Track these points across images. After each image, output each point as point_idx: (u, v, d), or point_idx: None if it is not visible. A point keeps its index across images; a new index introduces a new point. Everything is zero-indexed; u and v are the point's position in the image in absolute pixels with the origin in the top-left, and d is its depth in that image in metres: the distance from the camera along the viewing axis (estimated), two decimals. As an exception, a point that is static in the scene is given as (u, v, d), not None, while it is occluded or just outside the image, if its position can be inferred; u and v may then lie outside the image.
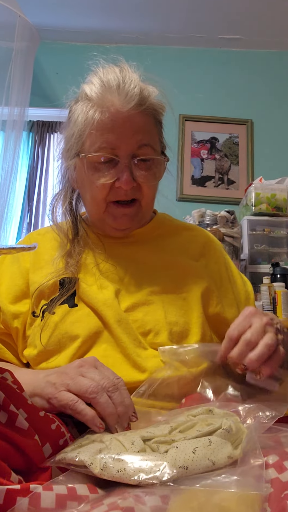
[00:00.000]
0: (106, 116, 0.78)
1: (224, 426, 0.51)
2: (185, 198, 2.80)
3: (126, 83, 0.79)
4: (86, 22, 2.88)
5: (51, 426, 0.56)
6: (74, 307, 0.79)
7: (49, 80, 2.91)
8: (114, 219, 0.84)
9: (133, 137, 0.79)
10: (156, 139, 0.84)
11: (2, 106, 2.61)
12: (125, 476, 0.45)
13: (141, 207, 0.85)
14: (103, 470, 0.46)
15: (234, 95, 2.96)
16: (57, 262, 0.84)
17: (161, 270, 0.85)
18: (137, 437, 0.51)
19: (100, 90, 0.80)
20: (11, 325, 0.81)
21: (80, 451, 0.50)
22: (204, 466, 0.46)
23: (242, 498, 0.42)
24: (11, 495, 0.40)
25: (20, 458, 0.49)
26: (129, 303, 0.79)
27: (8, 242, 2.61)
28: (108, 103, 0.78)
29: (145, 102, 0.80)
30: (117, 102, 0.78)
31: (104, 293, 0.79)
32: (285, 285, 2.06)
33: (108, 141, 0.79)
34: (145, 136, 0.80)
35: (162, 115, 0.87)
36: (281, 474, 0.45)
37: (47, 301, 0.80)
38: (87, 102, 0.81)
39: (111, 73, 0.81)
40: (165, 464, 0.45)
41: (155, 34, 2.94)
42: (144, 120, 0.81)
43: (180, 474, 0.45)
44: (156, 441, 0.51)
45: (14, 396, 0.53)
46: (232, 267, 0.94)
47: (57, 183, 0.94)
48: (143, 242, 0.90)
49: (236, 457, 0.48)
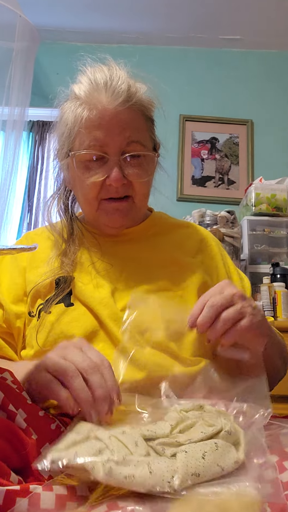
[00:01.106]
0: (94, 114, 0.78)
1: (225, 428, 0.50)
2: (185, 198, 2.80)
3: (114, 80, 0.79)
4: (86, 22, 2.88)
5: (50, 426, 0.56)
6: (70, 306, 0.79)
7: (49, 80, 2.91)
8: (107, 215, 0.84)
9: (121, 134, 0.79)
10: (145, 135, 0.84)
11: (2, 106, 2.61)
12: (134, 483, 0.42)
13: (134, 204, 0.85)
14: (109, 475, 0.43)
15: (234, 95, 2.96)
16: (52, 262, 0.84)
17: (157, 268, 0.85)
18: (139, 437, 0.49)
19: (88, 88, 0.80)
20: (13, 325, 0.81)
21: (78, 451, 0.46)
22: (215, 473, 0.45)
23: (242, 498, 0.42)
24: (10, 496, 0.40)
25: (18, 456, 0.49)
26: (125, 302, 0.78)
27: (8, 242, 2.61)
28: (95, 100, 0.79)
29: (132, 98, 0.80)
30: (105, 99, 0.78)
31: (100, 292, 0.79)
32: (285, 285, 2.06)
33: (96, 139, 0.79)
34: (134, 132, 0.80)
35: (152, 111, 0.86)
36: (281, 474, 0.45)
37: (43, 301, 0.80)
38: (75, 101, 0.82)
39: (99, 71, 0.82)
40: (178, 472, 0.43)
41: (155, 34, 2.94)
42: (132, 116, 0.80)
43: (193, 482, 0.43)
44: (161, 443, 0.49)
45: (14, 395, 0.53)
46: (229, 263, 0.94)
47: (54, 183, 0.95)
48: (139, 240, 0.90)
49: (242, 461, 0.47)
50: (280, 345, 0.83)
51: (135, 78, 0.83)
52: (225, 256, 0.95)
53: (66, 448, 0.47)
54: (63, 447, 0.47)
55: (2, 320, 0.82)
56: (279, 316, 1.99)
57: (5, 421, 0.49)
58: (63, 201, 0.93)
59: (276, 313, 1.99)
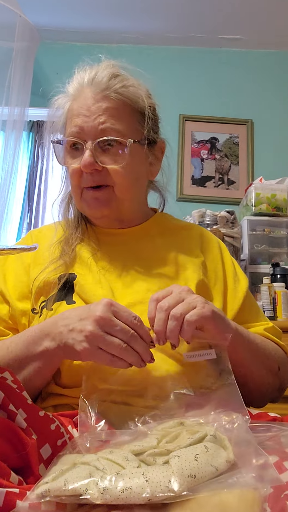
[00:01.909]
0: (77, 105, 0.83)
1: (210, 432, 0.50)
2: (185, 198, 2.80)
3: (98, 73, 0.84)
4: (86, 22, 2.88)
5: (50, 426, 0.56)
6: (71, 304, 0.79)
7: (49, 80, 2.91)
8: (88, 205, 0.86)
9: (95, 120, 0.81)
10: (127, 125, 0.83)
11: (2, 106, 2.61)
12: (133, 495, 0.40)
13: (114, 194, 0.84)
14: (105, 494, 0.40)
15: (234, 95, 2.96)
16: (53, 249, 0.86)
17: (158, 267, 0.85)
18: (128, 453, 0.48)
19: (76, 84, 0.86)
20: (19, 322, 0.82)
21: (67, 478, 0.43)
22: (210, 473, 0.44)
23: (242, 498, 0.42)
24: (11, 497, 0.40)
25: (18, 456, 0.49)
26: (126, 301, 0.79)
27: (8, 242, 2.61)
28: (80, 93, 0.84)
29: (111, 87, 0.82)
30: (87, 90, 0.83)
31: (102, 290, 0.79)
32: (285, 285, 2.06)
33: (75, 125, 0.82)
34: (110, 118, 0.81)
35: (140, 104, 0.85)
36: (281, 474, 0.45)
37: (46, 298, 0.81)
38: (65, 97, 0.88)
39: (89, 69, 0.86)
40: (175, 475, 0.42)
41: (155, 34, 2.94)
42: (111, 105, 0.82)
43: (191, 484, 0.42)
44: (150, 454, 0.48)
45: (14, 395, 0.53)
46: (227, 266, 0.93)
47: (61, 181, 0.96)
48: (141, 240, 0.90)
49: (233, 461, 0.47)
50: (263, 353, 0.80)
51: (124, 73, 0.86)
52: (226, 258, 0.94)
53: (53, 479, 0.44)
54: (51, 479, 0.44)
55: (8, 316, 0.83)
56: (279, 316, 1.98)
57: (5, 421, 0.49)
58: (69, 196, 0.95)
59: (276, 313, 1.99)
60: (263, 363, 0.80)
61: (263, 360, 0.80)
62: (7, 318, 0.83)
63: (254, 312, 0.91)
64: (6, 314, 0.83)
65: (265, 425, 0.57)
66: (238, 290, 0.89)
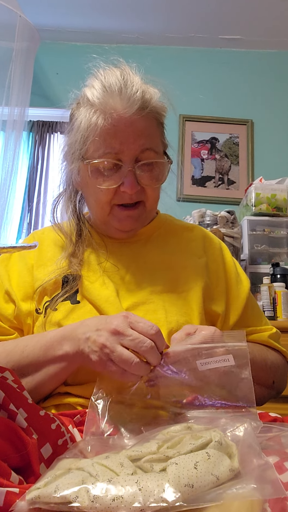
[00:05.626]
0: (109, 122, 0.78)
1: (215, 438, 0.47)
2: (185, 198, 2.80)
3: (128, 87, 0.79)
4: (86, 22, 2.88)
5: (51, 426, 0.56)
6: (76, 304, 0.79)
7: (49, 80, 2.91)
8: (119, 221, 0.85)
9: (135, 142, 0.79)
10: (158, 141, 0.84)
11: (2, 106, 2.61)
12: (124, 504, 0.38)
13: (145, 208, 0.86)
14: (95, 502, 0.38)
15: (234, 95, 2.96)
16: (61, 262, 0.85)
17: (162, 269, 0.86)
18: (124, 458, 0.46)
19: (102, 95, 0.79)
20: (24, 322, 0.82)
21: (58, 484, 0.41)
22: (209, 482, 0.41)
23: (242, 498, 0.41)
24: (11, 497, 0.40)
25: (19, 456, 0.49)
26: (129, 302, 0.79)
27: (8, 242, 2.61)
28: (110, 108, 0.78)
29: (147, 106, 0.80)
30: (120, 107, 0.78)
31: (106, 291, 0.80)
32: (285, 285, 2.06)
33: (111, 147, 0.79)
34: (148, 140, 0.80)
35: (164, 116, 0.87)
36: (281, 475, 0.45)
37: (49, 298, 0.81)
38: (90, 108, 0.81)
39: (112, 76, 0.80)
40: (170, 484, 0.40)
41: (155, 34, 2.94)
42: (146, 124, 0.81)
43: (187, 494, 0.39)
44: (148, 460, 0.45)
45: (14, 395, 0.53)
46: (228, 268, 0.92)
47: (60, 184, 0.94)
48: (145, 242, 0.91)
49: (237, 470, 0.45)
50: (260, 369, 0.80)
51: (147, 82, 0.83)
52: (227, 259, 0.94)
53: (45, 484, 0.42)
54: (42, 484, 0.42)
55: (13, 316, 0.83)
56: (279, 316, 1.99)
57: (6, 421, 0.49)
58: (71, 201, 0.93)
59: (276, 313, 1.99)
60: (260, 379, 0.79)
61: (260, 377, 0.79)
62: (12, 318, 0.83)
63: (256, 314, 0.91)
64: (11, 313, 0.83)
65: (265, 425, 0.57)
66: (240, 291, 0.90)
